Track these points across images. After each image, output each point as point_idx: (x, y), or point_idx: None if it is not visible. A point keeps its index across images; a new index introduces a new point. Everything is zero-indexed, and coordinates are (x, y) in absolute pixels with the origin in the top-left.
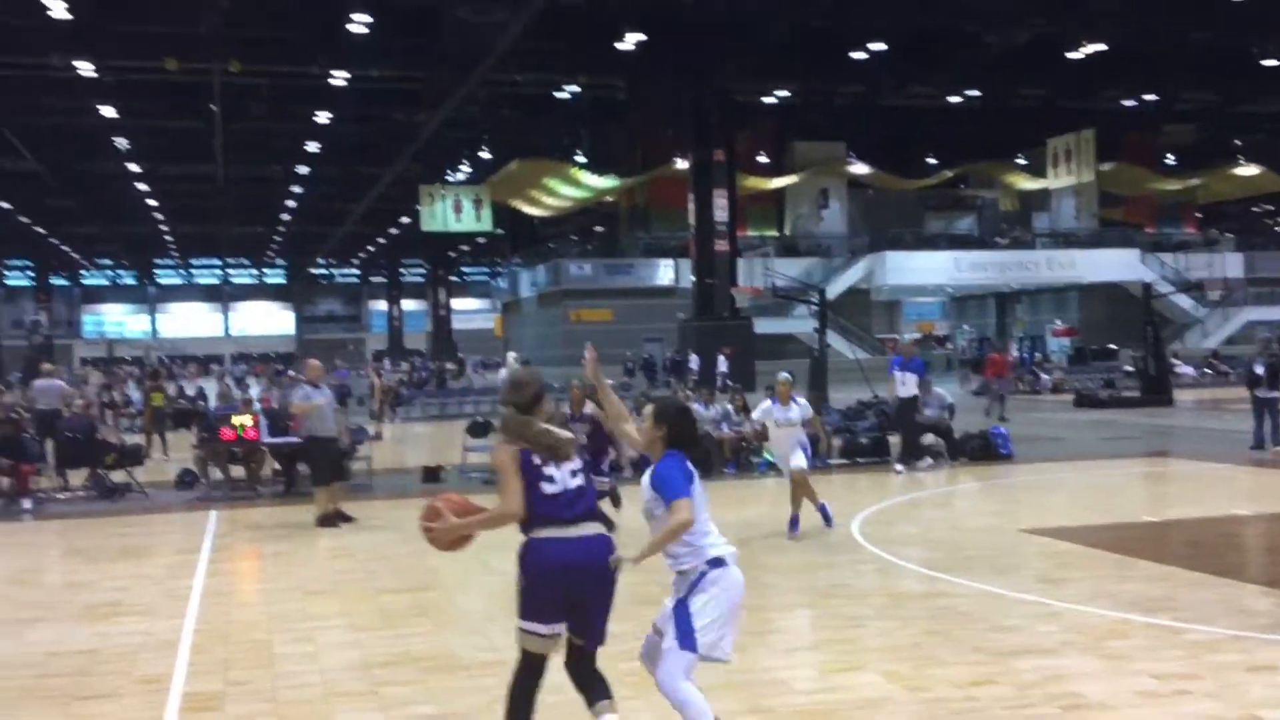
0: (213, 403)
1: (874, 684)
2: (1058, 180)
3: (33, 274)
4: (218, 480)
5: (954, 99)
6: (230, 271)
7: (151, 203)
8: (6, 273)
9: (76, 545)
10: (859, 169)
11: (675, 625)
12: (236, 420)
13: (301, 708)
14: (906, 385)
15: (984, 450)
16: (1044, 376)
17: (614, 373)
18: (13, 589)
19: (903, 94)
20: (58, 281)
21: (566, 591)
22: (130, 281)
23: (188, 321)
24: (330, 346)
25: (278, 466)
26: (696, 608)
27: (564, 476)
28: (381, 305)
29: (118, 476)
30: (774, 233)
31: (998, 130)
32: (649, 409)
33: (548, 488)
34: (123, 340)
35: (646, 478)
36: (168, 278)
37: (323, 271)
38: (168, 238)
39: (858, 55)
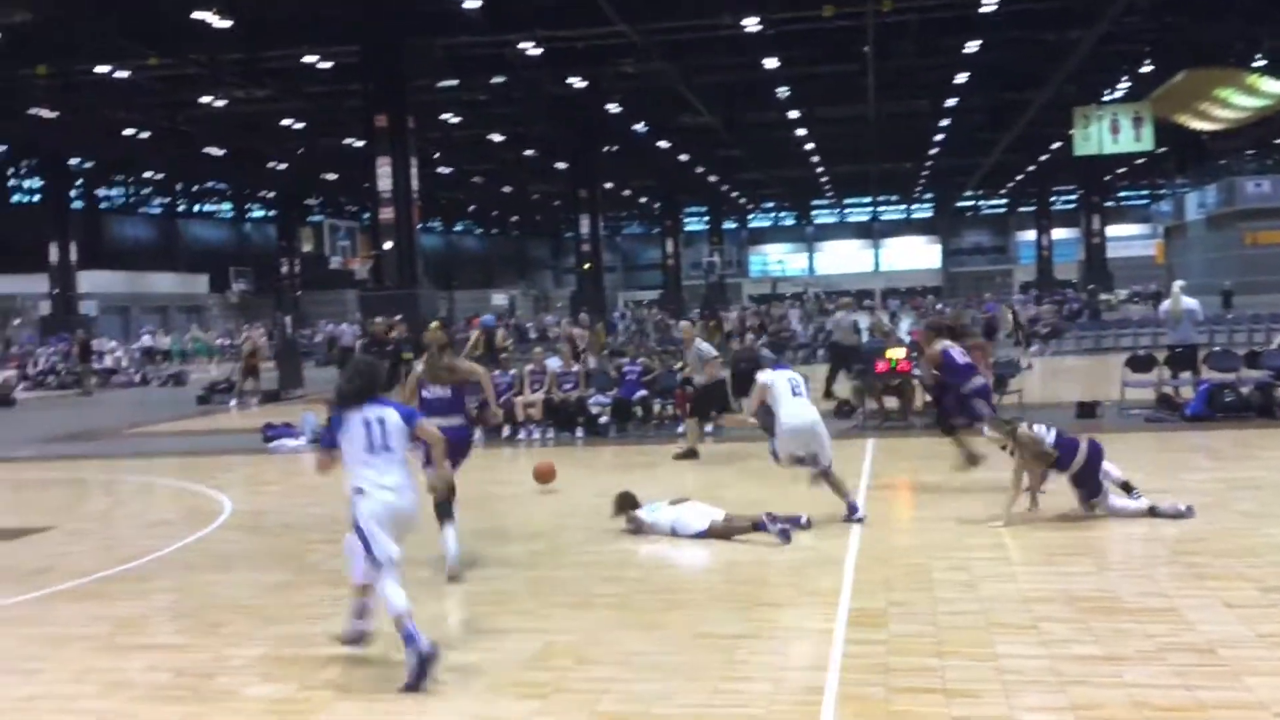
0: (864, 337)
1: None
2: None
3: (707, 219)
4: (873, 410)
5: None
6: (880, 209)
7: (808, 146)
8: (685, 219)
9: (750, 468)
10: None
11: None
12: (889, 354)
13: (962, 633)
14: None
15: None
16: None
17: None
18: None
19: None
20: (728, 225)
21: None
22: (790, 222)
23: (841, 258)
24: (977, 279)
25: (928, 399)
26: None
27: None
28: (1029, 235)
29: None
30: None
31: None
32: None
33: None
34: (784, 278)
35: None
36: (823, 217)
37: (969, 204)
38: (823, 179)
39: None
